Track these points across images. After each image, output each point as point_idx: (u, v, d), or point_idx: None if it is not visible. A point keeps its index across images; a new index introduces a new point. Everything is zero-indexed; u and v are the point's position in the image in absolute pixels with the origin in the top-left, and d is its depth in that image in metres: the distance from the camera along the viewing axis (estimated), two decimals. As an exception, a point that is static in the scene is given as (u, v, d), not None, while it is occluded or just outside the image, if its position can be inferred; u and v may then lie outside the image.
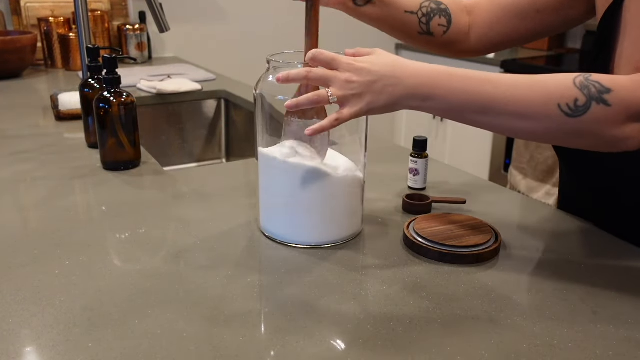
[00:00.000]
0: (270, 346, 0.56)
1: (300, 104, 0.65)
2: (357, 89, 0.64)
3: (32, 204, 0.90)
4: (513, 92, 0.62)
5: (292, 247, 0.76)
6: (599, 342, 0.57)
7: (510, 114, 0.63)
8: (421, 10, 0.87)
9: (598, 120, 0.61)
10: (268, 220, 0.79)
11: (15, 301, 0.63)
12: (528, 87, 0.62)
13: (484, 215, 0.84)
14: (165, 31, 1.33)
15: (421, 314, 0.61)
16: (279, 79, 0.66)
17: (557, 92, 0.61)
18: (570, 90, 0.61)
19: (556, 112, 0.61)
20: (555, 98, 0.61)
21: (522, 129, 0.64)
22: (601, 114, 0.60)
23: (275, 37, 2.72)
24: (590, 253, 0.76)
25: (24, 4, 2.15)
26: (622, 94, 0.60)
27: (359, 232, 0.80)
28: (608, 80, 0.61)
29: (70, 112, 1.36)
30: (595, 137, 0.63)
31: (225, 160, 1.81)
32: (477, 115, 0.64)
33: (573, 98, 0.61)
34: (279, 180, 0.75)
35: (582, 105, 0.60)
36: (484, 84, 0.63)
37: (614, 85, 0.61)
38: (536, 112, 0.62)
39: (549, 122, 0.62)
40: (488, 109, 0.63)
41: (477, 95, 0.63)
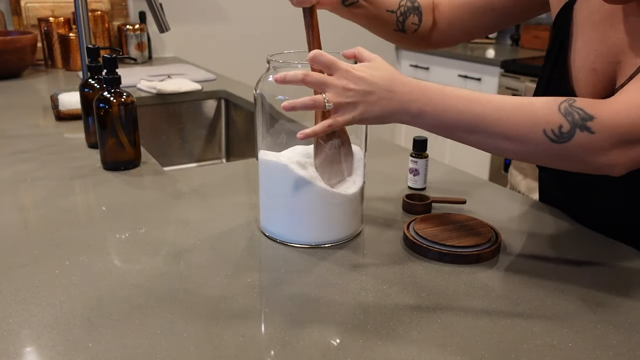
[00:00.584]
0: (270, 346, 0.56)
1: (296, 106, 0.66)
2: (352, 98, 0.65)
3: (32, 204, 0.90)
4: (501, 114, 0.63)
5: (292, 246, 0.76)
6: (599, 342, 0.57)
7: (498, 135, 0.64)
8: (399, 9, 0.91)
9: (582, 147, 0.62)
10: (268, 220, 0.79)
11: (15, 301, 0.63)
12: (515, 110, 0.63)
13: (484, 215, 0.84)
14: (165, 31, 1.33)
15: (421, 314, 0.61)
16: (276, 79, 0.66)
17: (543, 118, 0.62)
18: (554, 116, 0.62)
19: (541, 137, 0.62)
20: (540, 123, 0.62)
21: (509, 150, 0.65)
22: (585, 141, 0.61)
23: (275, 37, 2.72)
24: (591, 253, 0.76)
25: (24, 4, 2.15)
26: (605, 121, 0.61)
27: (359, 232, 0.80)
28: (591, 107, 0.62)
29: (70, 112, 1.36)
30: (580, 162, 0.64)
31: (225, 160, 1.81)
32: (465, 133, 0.65)
33: (558, 124, 0.62)
34: (278, 180, 0.75)
35: (566, 132, 0.61)
36: (474, 104, 0.64)
37: (597, 112, 0.61)
38: (522, 135, 0.63)
39: (534, 146, 0.63)
40: (477, 128, 0.64)
41: (466, 115, 0.64)
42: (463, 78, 2.82)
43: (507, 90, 2.59)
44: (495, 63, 2.64)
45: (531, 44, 2.99)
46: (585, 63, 0.76)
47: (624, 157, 0.61)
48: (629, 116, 0.61)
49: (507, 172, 2.57)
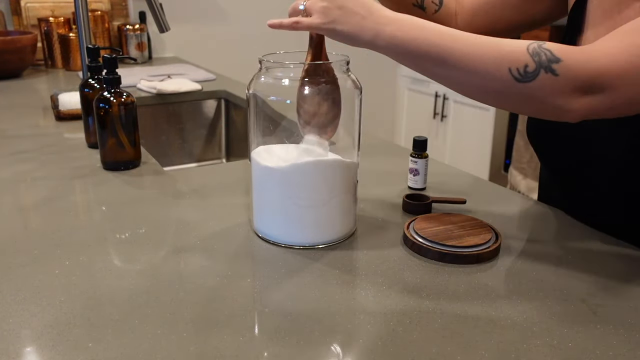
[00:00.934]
0: (270, 346, 0.56)
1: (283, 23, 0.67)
2: (327, 3, 0.66)
3: (32, 204, 0.90)
4: (469, 49, 0.64)
5: (289, 247, 0.76)
6: (599, 342, 0.57)
7: (464, 69, 0.64)
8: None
9: (544, 88, 0.62)
10: (261, 221, 0.79)
11: (15, 301, 0.63)
12: (485, 46, 0.64)
13: (484, 215, 0.84)
14: (165, 31, 1.33)
15: (421, 314, 0.61)
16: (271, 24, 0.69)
17: (510, 56, 0.63)
18: (522, 55, 0.62)
19: (506, 75, 0.62)
20: (507, 61, 0.62)
21: (473, 85, 0.65)
22: (548, 82, 0.61)
23: (275, 37, 2.71)
24: (591, 253, 0.76)
25: (24, 4, 2.15)
26: (571, 65, 0.61)
27: (353, 232, 0.80)
28: (559, 50, 0.62)
29: (70, 112, 1.36)
30: (540, 104, 0.64)
31: (225, 160, 1.81)
32: (432, 65, 0.66)
33: (523, 63, 0.62)
34: (271, 180, 0.75)
35: (531, 71, 0.62)
36: (445, 37, 0.65)
37: (565, 55, 0.61)
38: (488, 72, 0.63)
39: (498, 83, 0.63)
40: (444, 60, 0.65)
41: (436, 46, 0.65)
42: (463, 78, 2.82)
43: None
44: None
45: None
46: None
47: (582, 104, 0.62)
48: (595, 64, 0.60)
49: (507, 172, 2.57)
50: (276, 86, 0.74)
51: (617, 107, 0.62)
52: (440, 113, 2.96)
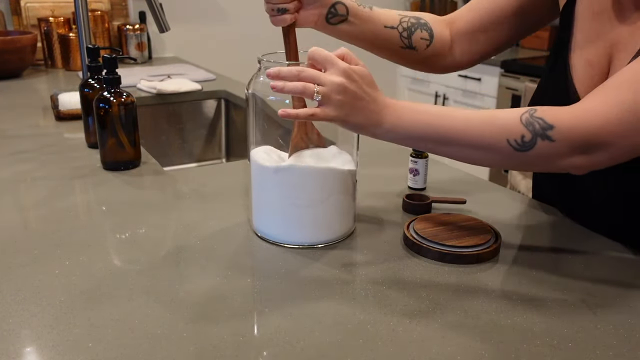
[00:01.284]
0: (270, 346, 0.56)
1: (285, 88, 0.65)
2: (343, 97, 0.65)
3: (32, 204, 0.90)
4: (467, 126, 0.66)
5: (289, 247, 0.76)
6: (599, 342, 0.57)
7: (466, 146, 0.67)
8: (401, 25, 0.87)
9: (544, 155, 0.65)
10: (260, 220, 0.79)
11: (15, 301, 0.63)
12: (481, 122, 0.67)
13: (484, 215, 0.84)
14: (165, 31, 1.33)
15: (421, 314, 0.61)
16: (269, 74, 0.66)
17: (506, 128, 0.65)
18: (517, 127, 0.65)
19: (506, 147, 0.65)
20: (504, 134, 0.65)
21: (478, 159, 0.69)
22: (546, 149, 0.64)
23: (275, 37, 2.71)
24: (591, 253, 0.76)
25: (24, 4, 2.15)
26: (564, 129, 0.63)
27: (352, 231, 0.80)
28: (551, 116, 0.64)
29: (70, 112, 1.36)
30: (544, 167, 0.68)
31: (225, 160, 1.81)
32: (436, 145, 0.68)
33: (520, 134, 0.65)
34: (270, 180, 0.75)
35: (528, 141, 0.64)
36: (443, 119, 0.67)
37: (556, 121, 0.64)
38: (488, 145, 0.66)
39: (500, 154, 0.66)
40: (446, 140, 0.67)
41: (436, 128, 0.67)
42: (463, 78, 2.82)
43: (507, 90, 2.59)
44: (495, 63, 2.64)
45: (531, 44, 2.99)
46: (582, 55, 0.76)
47: (584, 162, 0.65)
48: (587, 124, 0.63)
49: (507, 172, 2.56)
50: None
51: (619, 159, 0.65)
52: (440, 113, 2.96)
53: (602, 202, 0.81)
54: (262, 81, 0.74)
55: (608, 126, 0.62)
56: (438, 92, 2.95)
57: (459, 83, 2.85)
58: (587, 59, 0.75)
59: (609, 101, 0.63)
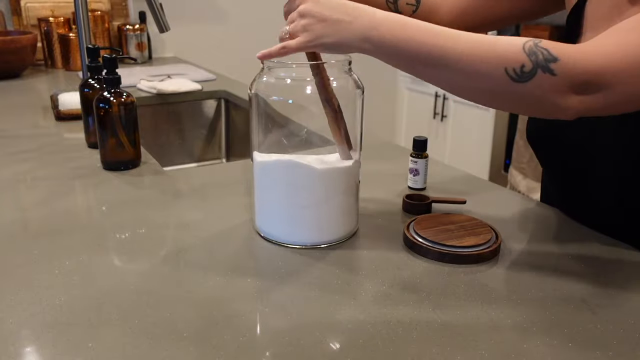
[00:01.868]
0: (270, 346, 0.56)
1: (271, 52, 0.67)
2: (308, 20, 0.64)
3: (32, 204, 0.90)
4: (462, 49, 0.62)
5: (290, 247, 0.76)
6: (599, 342, 0.57)
7: (459, 70, 0.62)
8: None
9: (541, 88, 0.60)
10: (263, 220, 0.79)
11: (15, 301, 0.63)
12: (478, 46, 0.62)
13: (484, 215, 0.84)
14: (165, 31, 1.33)
15: (421, 314, 0.61)
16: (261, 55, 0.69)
17: (506, 56, 0.61)
18: (518, 55, 0.61)
19: (502, 75, 0.61)
20: (503, 61, 0.61)
21: (468, 87, 0.64)
22: (545, 82, 0.60)
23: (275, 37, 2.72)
24: (591, 253, 0.76)
25: (24, 4, 2.15)
26: (569, 64, 0.60)
27: (355, 231, 0.80)
28: (557, 49, 0.61)
29: (70, 112, 1.36)
30: (535, 103, 0.63)
31: (225, 160, 1.81)
32: (425, 67, 0.64)
33: (520, 63, 0.60)
34: (273, 180, 0.75)
35: (528, 71, 0.60)
36: (436, 37, 0.63)
37: (562, 54, 0.60)
38: (484, 72, 0.61)
39: (494, 83, 0.62)
40: (437, 61, 0.63)
41: (427, 47, 0.63)
42: (463, 78, 2.81)
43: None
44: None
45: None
46: None
47: (579, 102, 0.61)
48: (593, 63, 0.60)
49: (507, 172, 2.57)
50: (278, 86, 0.74)
51: (612, 106, 0.62)
52: (440, 113, 2.96)
53: (604, 203, 0.81)
54: (265, 81, 0.74)
55: (611, 66, 0.59)
56: (438, 92, 2.95)
57: (459, 83, 2.85)
58: None
59: (616, 42, 0.60)
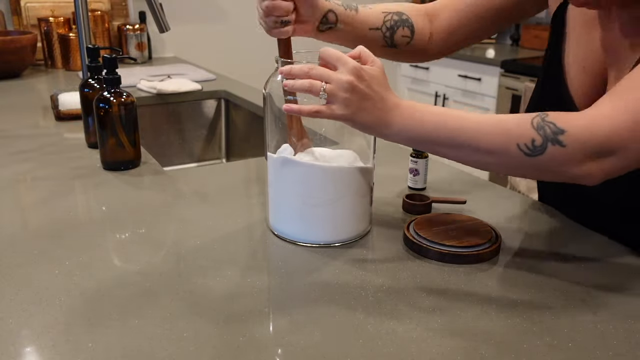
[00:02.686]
0: (270, 346, 0.56)
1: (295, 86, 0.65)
2: (351, 95, 0.64)
3: (32, 204, 0.90)
4: (477, 129, 0.65)
5: (289, 247, 0.76)
6: (599, 342, 0.57)
7: (475, 149, 0.65)
8: (385, 25, 0.88)
9: (555, 160, 0.63)
10: (277, 219, 0.79)
11: (15, 301, 0.63)
12: (491, 125, 0.65)
13: (484, 215, 0.84)
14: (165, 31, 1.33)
15: (421, 313, 0.61)
16: (282, 71, 0.67)
17: (516, 132, 0.64)
18: (527, 130, 0.63)
19: (515, 151, 0.64)
20: (514, 138, 0.64)
21: (487, 163, 0.67)
22: (557, 154, 0.62)
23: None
24: (590, 253, 0.76)
25: (24, 4, 2.15)
26: (576, 134, 0.62)
27: (368, 231, 0.80)
28: (563, 121, 0.63)
29: (70, 112, 1.36)
30: (554, 174, 0.65)
31: (225, 160, 1.81)
32: (445, 148, 0.67)
33: (530, 138, 0.63)
34: (289, 180, 0.75)
35: (539, 145, 0.63)
36: (453, 121, 0.66)
37: (568, 125, 0.62)
38: (498, 149, 0.64)
39: (509, 159, 0.64)
40: (455, 143, 0.66)
41: (445, 131, 0.66)
42: (463, 78, 2.82)
43: (507, 91, 2.59)
44: (495, 63, 2.64)
45: (531, 43, 2.99)
46: (576, 61, 0.77)
47: (596, 169, 0.62)
48: (600, 129, 0.61)
49: (507, 172, 2.56)
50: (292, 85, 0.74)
51: (632, 164, 0.63)
52: (440, 113, 2.96)
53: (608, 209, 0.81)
54: (279, 81, 0.74)
55: (619, 131, 0.61)
56: (438, 92, 2.95)
57: (459, 83, 2.85)
58: (581, 66, 0.75)
59: (619, 106, 0.62)
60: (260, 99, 1.62)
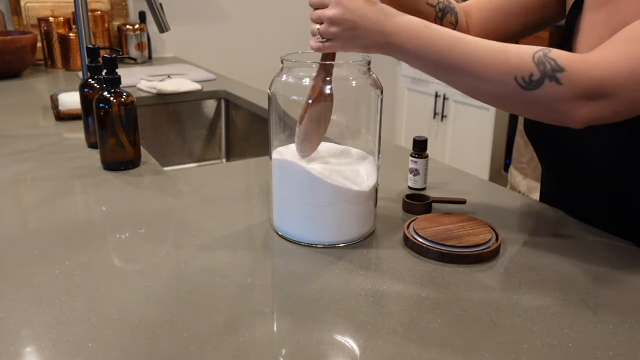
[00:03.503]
0: (270, 346, 0.56)
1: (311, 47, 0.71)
2: (338, 28, 0.68)
3: (32, 204, 0.90)
4: (477, 55, 0.66)
5: (290, 246, 0.76)
6: (599, 342, 0.57)
7: (473, 75, 0.67)
8: (439, 5, 0.91)
9: (548, 96, 0.64)
10: (281, 219, 0.79)
11: (15, 301, 0.63)
12: (492, 54, 0.66)
13: (484, 215, 0.84)
14: (165, 31, 1.33)
15: (421, 314, 0.61)
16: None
17: (516, 64, 0.65)
18: (527, 64, 0.64)
19: (512, 83, 0.65)
20: (513, 69, 0.65)
21: (481, 91, 0.68)
22: (552, 90, 0.63)
23: (275, 36, 2.72)
24: (590, 253, 0.76)
25: (24, 4, 2.15)
26: (574, 74, 0.63)
27: (372, 232, 0.80)
28: (564, 59, 0.64)
29: (70, 112, 1.36)
30: (545, 111, 0.66)
31: (225, 160, 1.81)
32: (444, 73, 0.69)
33: (529, 72, 0.64)
34: (294, 180, 0.75)
35: (535, 80, 0.64)
36: (455, 44, 0.67)
37: (568, 64, 0.63)
38: (495, 79, 0.66)
39: (505, 89, 0.66)
40: (455, 69, 0.67)
41: (446, 54, 0.67)
42: (463, 78, 2.81)
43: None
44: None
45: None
46: (588, 47, 0.76)
47: (585, 111, 0.63)
48: (598, 72, 0.62)
49: (507, 172, 2.57)
50: (297, 86, 0.74)
51: (620, 113, 0.64)
52: (440, 113, 2.96)
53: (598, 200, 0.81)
54: (284, 81, 0.74)
55: (617, 76, 0.62)
56: (438, 92, 2.95)
57: (459, 83, 2.85)
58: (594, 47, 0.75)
59: (621, 52, 0.63)
60: (261, 99, 1.62)
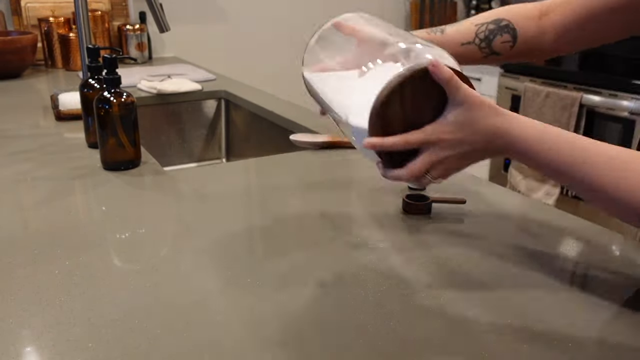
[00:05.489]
0: (270, 347, 0.56)
1: (400, 177, 0.64)
2: (448, 165, 0.63)
3: (32, 204, 0.90)
4: (602, 183, 0.59)
5: (290, 246, 0.76)
6: (599, 342, 0.57)
7: (592, 199, 0.62)
8: (477, 37, 0.84)
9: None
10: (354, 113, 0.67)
11: (15, 301, 0.63)
12: (626, 189, 0.58)
13: (484, 215, 0.84)
14: (165, 31, 1.33)
15: (421, 314, 0.61)
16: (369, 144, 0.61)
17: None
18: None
19: (636, 222, 0.60)
20: (637, 209, 0.58)
21: (604, 209, 0.63)
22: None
23: (275, 36, 2.72)
24: (591, 253, 0.76)
25: (24, 4, 2.15)
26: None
27: None
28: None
29: (70, 112, 1.36)
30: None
31: (225, 160, 1.81)
32: (566, 185, 0.64)
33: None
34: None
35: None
36: (579, 166, 0.60)
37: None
38: (619, 216, 0.60)
39: (628, 220, 0.61)
40: (574, 187, 0.62)
41: (564, 174, 0.61)
42: (463, 78, 2.82)
43: (507, 91, 2.59)
44: (495, 63, 2.63)
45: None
46: None
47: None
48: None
49: (507, 172, 2.57)
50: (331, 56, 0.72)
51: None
52: (440, 113, 2.96)
53: None
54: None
55: None
56: (438, 92, 2.95)
57: (459, 83, 2.85)
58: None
59: None
60: (261, 99, 1.62)
